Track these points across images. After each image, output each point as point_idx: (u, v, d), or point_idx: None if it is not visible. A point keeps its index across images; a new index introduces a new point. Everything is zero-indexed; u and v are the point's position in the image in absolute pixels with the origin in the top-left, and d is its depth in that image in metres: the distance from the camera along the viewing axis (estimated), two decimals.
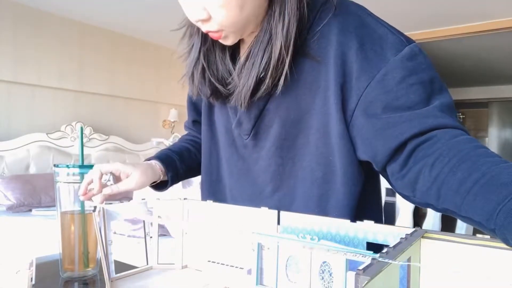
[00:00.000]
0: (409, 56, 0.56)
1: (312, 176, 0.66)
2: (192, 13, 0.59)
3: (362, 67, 0.57)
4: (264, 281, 0.58)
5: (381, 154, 0.56)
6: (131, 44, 3.79)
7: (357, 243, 0.54)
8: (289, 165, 0.68)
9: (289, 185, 0.69)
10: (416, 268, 0.43)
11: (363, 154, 0.60)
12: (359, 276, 0.28)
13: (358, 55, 0.58)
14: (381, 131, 0.56)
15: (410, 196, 0.55)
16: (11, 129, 2.91)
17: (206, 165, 0.83)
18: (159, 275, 0.71)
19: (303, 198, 0.67)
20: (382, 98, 0.55)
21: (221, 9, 0.56)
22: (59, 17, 3.20)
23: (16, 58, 2.94)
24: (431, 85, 0.55)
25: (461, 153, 0.48)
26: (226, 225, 0.71)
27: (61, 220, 0.73)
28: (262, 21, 0.62)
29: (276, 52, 0.59)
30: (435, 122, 0.52)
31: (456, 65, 4.96)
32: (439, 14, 3.10)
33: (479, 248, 0.42)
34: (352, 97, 0.59)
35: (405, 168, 0.55)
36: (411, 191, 0.54)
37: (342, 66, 0.59)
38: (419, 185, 0.52)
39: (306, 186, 0.67)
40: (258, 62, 0.61)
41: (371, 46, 0.58)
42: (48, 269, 0.76)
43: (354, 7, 0.64)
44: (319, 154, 0.65)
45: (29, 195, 2.42)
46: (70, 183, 0.72)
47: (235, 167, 0.76)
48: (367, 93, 0.57)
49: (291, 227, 0.61)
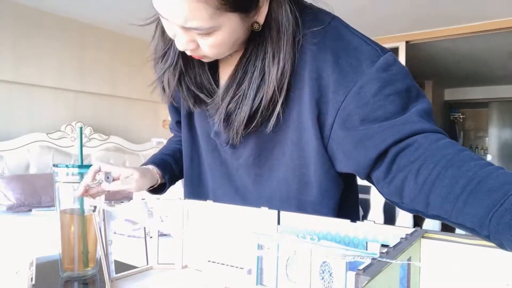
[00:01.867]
0: (384, 66, 0.55)
1: (288, 188, 0.67)
2: (181, 43, 0.57)
3: (338, 81, 0.57)
4: (264, 281, 0.58)
5: (364, 164, 0.56)
6: (132, 44, 3.79)
7: (357, 243, 0.54)
8: (266, 175, 0.69)
9: (267, 194, 0.70)
10: (416, 268, 0.43)
11: (345, 167, 0.60)
12: (359, 276, 0.28)
13: (334, 68, 0.57)
14: (361, 142, 0.55)
15: (399, 202, 0.55)
16: (11, 129, 2.91)
17: (188, 170, 0.83)
18: (159, 275, 0.71)
19: (281, 208, 0.65)
20: (360, 111, 0.55)
21: (210, 48, 0.57)
22: (59, 17, 3.20)
23: (16, 58, 2.93)
24: (407, 94, 0.55)
25: (445, 158, 0.48)
26: (226, 225, 0.71)
27: (61, 220, 0.73)
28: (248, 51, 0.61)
29: (270, 93, 0.58)
30: (414, 128, 0.52)
31: (456, 65, 4.96)
32: (439, 14, 3.10)
33: (479, 248, 0.42)
34: (330, 111, 0.58)
35: (389, 175, 0.55)
36: (399, 198, 0.54)
37: (317, 80, 0.58)
38: (406, 192, 0.52)
39: (283, 196, 0.68)
40: (250, 101, 0.60)
41: (347, 59, 0.57)
42: (48, 269, 0.76)
43: (335, 22, 0.62)
44: (294, 166, 0.65)
45: (29, 195, 2.42)
46: (69, 183, 0.72)
47: (218, 171, 0.76)
48: (344, 107, 0.56)
49: (291, 227, 0.61)
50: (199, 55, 0.59)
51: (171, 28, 0.57)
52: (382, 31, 3.55)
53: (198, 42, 0.57)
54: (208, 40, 0.56)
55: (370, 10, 3.02)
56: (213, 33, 0.55)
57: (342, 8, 3.12)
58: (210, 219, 0.73)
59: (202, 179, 0.80)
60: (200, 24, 0.52)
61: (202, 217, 0.74)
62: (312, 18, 0.61)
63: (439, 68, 5.10)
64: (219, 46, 0.57)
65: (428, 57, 4.46)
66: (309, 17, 0.61)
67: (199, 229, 0.75)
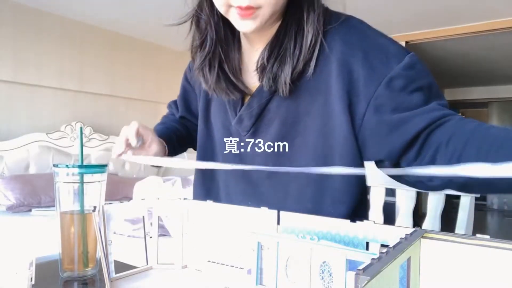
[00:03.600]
0: (410, 65, 0.61)
1: (308, 175, 0.69)
2: None
3: (369, 74, 0.62)
4: (264, 281, 0.58)
5: (398, 147, 0.60)
6: (132, 44, 3.79)
7: (357, 243, 0.54)
8: (286, 164, 0.71)
9: (284, 182, 0.72)
10: (416, 268, 0.43)
11: (377, 152, 0.64)
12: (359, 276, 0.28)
13: (364, 64, 0.63)
14: (395, 128, 0.60)
15: (426, 181, 0.60)
16: (11, 129, 2.90)
17: (202, 161, 0.84)
18: (159, 275, 0.71)
19: (296, 195, 0.70)
20: (390, 101, 0.61)
21: None
22: (59, 17, 3.20)
23: (16, 58, 2.93)
24: (430, 90, 0.62)
25: (470, 129, 0.53)
26: (226, 225, 0.71)
27: (61, 220, 0.73)
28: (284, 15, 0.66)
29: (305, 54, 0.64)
30: (440, 113, 0.59)
31: (456, 65, 4.96)
32: (439, 14, 3.10)
33: (479, 248, 0.42)
34: (361, 102, 0.63)
35: (420, 156, 0.59)
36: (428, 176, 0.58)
37: (348, 74, 0.63)
38: (437, 163, 0.55)
39: (301, 184, 0.70)
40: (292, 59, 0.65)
41: (375, 55, 0.63)
42: (48, 269, 0.76)
43: (355, 21, 0.69)
44: (317, 155, 0.68)
45: (29, 195, 2.42)
46: (69, 183, 0.72)
47: (232, 163, 0.77)
48: (376, 97, 0.61)
49: (291, 227, 0.61)
50: (251, 4, 0.59)
51: None
52: (382, 31, 3.55)
53: None
54: None
55: (371, 11, 3.02)
56: None
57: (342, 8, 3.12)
58: (210, 219, 0.73)
59: (215, 170, 0.81)
60: None
61: (202, 217, 0.74)
62: (333, 14, 0.69)
63: (439, 68, 5.10)
64: None
65: (428, 57, 4.46)
66: (331, 14, 0.69)
67: (199, 229, 0.75)
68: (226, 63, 0.71)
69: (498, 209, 6.96)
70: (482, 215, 6.50)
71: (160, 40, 3.86)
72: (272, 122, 0.70)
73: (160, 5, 2.91)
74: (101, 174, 0.75)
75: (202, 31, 0.71)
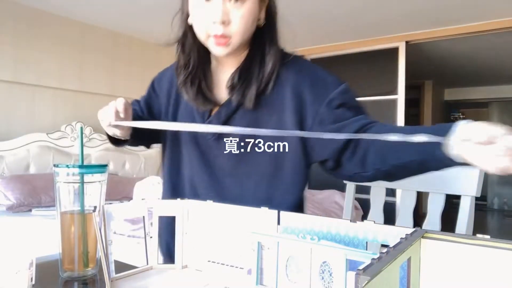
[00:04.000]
0: (344, 90, 0.83)
1: (264, 173, 0.86)
2: (217, 14, 0.76)
3: (314, 98, 0.83)
4: (264, 281, 0.58)
5: (338, 147, 0.78)
6: (131, 44, 3.79)
7: (357, 243, 0.54)
8: (244, 163, 0.87)
9: (243, 179, 0.87)
10: (416, 268, 0.43)
11: (322, 154, 0.83)
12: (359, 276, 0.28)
13: (310, 90, 0.84)
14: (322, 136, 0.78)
15: (360, 172, 0.78)
16: (11, 129, 2.90)
17: (168, 160, 0.96)
18: (159, 275, 0.71)
19: (253, 188, 0.86)
20: (330, 116, 0.81)
21: (240, 20, 0.77)
22: (59, 17, 3.20)
23: (16, 58, 2.93)
24: (359, 108, 0.83)
25: (387, 128, 0.72)
26: (226, 225, 0.71)
27: (61, 220, 0.73)
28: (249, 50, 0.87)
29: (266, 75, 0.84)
30: (367, 121, 0.78)
31: (456, 65, 4.96)
32: (439, 14, 3.10)
33: (479, 248, 0.42)
34: (309, 118, 0.83)
35: (355, 151, 0.77)
36: (361, 167, 0.77)
37: (298, 97, 0.84)
38: (369, 159, 0.75)
39: (257, 179, 0.86)
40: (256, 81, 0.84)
41: (318, 84, 0.84)
42: (48, 269, 0.76)
43: (302, 59, 0.90)
44: (270, 157, 0.85)
45: (29, 195, 2.42)
46: (70, 183, 0.72)
47: (196, 160, 0.91)
48: (319, 114, 0.82)
49: (291, 227, 0.61)
50: (226, 35, 0.78)
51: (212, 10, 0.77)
52: (382, 31, 3.55)
53: (230, 16, 0.77)
54: (240, 10, 0.77)
55: (371, 10, 3.02)
56: (245, 2, 0.77)
57: (343, 9, 3.13)
58: (210, 219, 0.73)
59: (181, 166, 0.94)
60: None
61: (202, 217, 0.75)
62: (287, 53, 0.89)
63: (439, 68, 5.10)
64: (245, 20, 0.78)
65: (428, 57, 4.46)
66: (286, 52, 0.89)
67: (199, 229, 0.75)
68: (204, 80, 0.88)
69: (498, 209, 6.97)
70: (482, 215, 6.50)
71: (160, 40, 3.87)
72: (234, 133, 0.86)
73: (160, 5, 2.91)
74: (101, 174, 0.75)
75: (186, 54, 0.87)
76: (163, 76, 1.01)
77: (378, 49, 3.78)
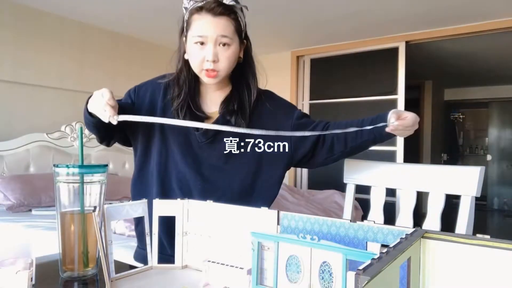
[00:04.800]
0: (301, 112, 1.16)
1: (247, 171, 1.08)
2: (210, 55, 0.99)
3: (286, 117, 1.13)
4: (264, 281, 0.58)
5: (314, 139, 1.09)
6: (131, 44, 3.79)
7: (357, 243, 0.54)
8: (230, 164, 1.07)
9: (227, 177, 1.06)
10: (416, 268, 0.43)
11: (303, 151, 1.10)
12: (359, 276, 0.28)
13: (284, 112, 1.14)
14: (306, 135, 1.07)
15: (330, 155, 1.10)
16: (11, 129, 2.90)
17: (158, 160, 1.07)
18: (159, 275, 0.71)
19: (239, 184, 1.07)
20: (300, 126, 1.11)
21: (226, 59, 1.01)
22: (59, 17, 3.20)
23: (16, 58, 2.93)
24: (311, 119, 1.15)
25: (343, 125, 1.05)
26: (226, 225, 0.71)
27: (61, 220, 0.73)
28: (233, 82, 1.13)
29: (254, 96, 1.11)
30: (326, 121, 1.12)
31: (456, 65, 4.96)
32: (439, 14, 3.10)
33: (479, 248, 0.42)
34: (286, 129, 1.09)
35: (324, 142, 1.09)
36: (331, 152, 1.09)
37: (275, 118, 1.12)
38: (336, 146, 1.08)
39: (242, 177, 1.07)
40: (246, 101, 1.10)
41: (287, 107, 1.17)
42: (48, 269, 0.76)
43: (271, 92, 1.19)
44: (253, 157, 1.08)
45: (29, 195, 2.41)
46: (70, 183, 0.72)
47: (187, 161, 1.05)
48: (292, 126, 1.12)
49: (291, 227, 0.61)
50: (216, 70, 1.01)
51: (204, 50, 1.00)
52: (382, 31, 3.55)
53: (219, 56, 1.00)
54: (226, 52, 1.01)
55: (371, 11, 3.02)
56: (230, 46, 1.01)
57: (343, 8, 3.13)
58: (210, 219, 0.73)
59: (169, 166, 1.08)
60: (228, 33, 1.00)
61: (202, 217, 0.75)
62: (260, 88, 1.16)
63: (439, 68, 5.10)
64: (229, 59, 1.02)
65: (428, 57, 4.46)
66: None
67: (199, 229, 0.75)
68: (192, 105, 1.07)
69: (498, 209, 6.97)
70: (482, 215, 6.50)
71: (160, 40, 3.86)
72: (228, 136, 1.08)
73: (160, 5, 2.91)
74: (101, 174, 0.75)
75: (180, 86, 1.08)
76: (140, 89, 1.16)
77: (378, 49, 3.78)
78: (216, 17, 0.99)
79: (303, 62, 4.26)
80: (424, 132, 5.80)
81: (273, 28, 3.50)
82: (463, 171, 1.05)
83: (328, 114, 3.97)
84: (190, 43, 1.02)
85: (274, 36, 3.76)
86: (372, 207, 1.21)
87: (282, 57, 4.28)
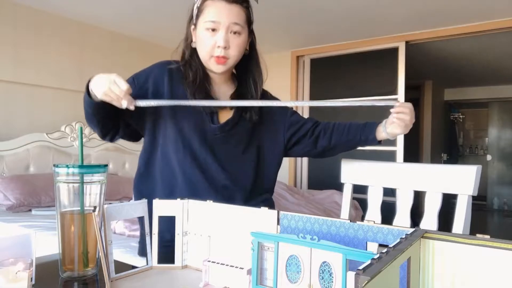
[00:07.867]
0: (292, 110, 1.25)
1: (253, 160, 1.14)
2: (222, 41, 1.00)
3: (281, 115, 1.21)
4: (264, 281, 0.58)
5: (305, 129, 1.20)
6: (131, 44, 3.79)
7: (357, 243, 0.54)
8: (240, 155, 1.13)
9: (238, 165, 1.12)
10: (416, 268, 0.43)
11: (292, 129, 1.20)
12: (359, 276, 0.28)
13: (280, 110, 1.22)
14: (301, 127, 1.21)
15: (312, 148, 1.20)
16: (11, 129, 2.90)
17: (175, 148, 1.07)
18: (159, 275, 0.71)
19: (245, 173, 1.12)
20: (293, 120, 1.21)
21: (236, 47, 1.03)
22: (59, 17, 3.20)
23: (16, 58, 2.93)
24: (302, 116, 1.25)
25: (332, 124, 1.20)
26: (226, 225, 0.71)
27: (61, 220, 0.73)
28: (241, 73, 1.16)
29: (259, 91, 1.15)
30: (315, 119, 1.23)
31: (456, 65, 4.96)
32: (439, 14, 3.10)
33: (479, 248, 0.42)
34: (284, 125, 1.21)
35: (312, 135, 1.20)
36: (315, 146, 1.19)
37: (277, 115, 1.20)
38: (320, 141, 1.19)
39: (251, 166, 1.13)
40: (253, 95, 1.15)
41: (282, 108, 1.23)
42: (48, 269, 0.76)
43: (265, 91, 1.23)
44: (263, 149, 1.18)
45: (29, 195, 2.41)
46: (70, 183, 0.72)
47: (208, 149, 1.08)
48: (288, 122, 1.21)
49: (291, 227, 0.61)
50: (226, 56, 1.03)
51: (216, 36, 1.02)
52: (382, 31, 3.55)
53: (230, 42, 1.02)
54: (237, 39, 1.03)
55: (371, 10, 3.02)
56: (241, 34, 1.03)
57: (343, 8, 3.13)
58: (210, 219, 0.73)
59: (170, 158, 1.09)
60: (240, 21, 1.02)
61: (202, 217, 0.75)
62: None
63: (439, 68, 5.10)
64: (239, 48, 1.04)
65: (428, 57, 4.46)
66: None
67: (199, 229, 0.75)
68: (211, 90, 1.10)
69: (498, 209, 6.97)
70: (482, 215, 6.50)
71: (160, 40, 3.86)
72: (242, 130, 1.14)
73: (160, 5, 2.91)
74: (101, 174, 0.75)
75: (193, 72, 1.08)
76: (140, 78, 1.13)
77: (378, 49, 3.78)
78: (230, 4, 1.01)
79: (303, 62, 4.26)
80: (424, 132, 5.80)
81: (273, 28, 3.50)
82: (460, 170, 1.05)
83: (328, 114, 3.97)
84: (201, 29, 1.02)
85: (274, 36, 3.76)
86: (370, 206, 1.21)
87: (282, 57, 4.28)
